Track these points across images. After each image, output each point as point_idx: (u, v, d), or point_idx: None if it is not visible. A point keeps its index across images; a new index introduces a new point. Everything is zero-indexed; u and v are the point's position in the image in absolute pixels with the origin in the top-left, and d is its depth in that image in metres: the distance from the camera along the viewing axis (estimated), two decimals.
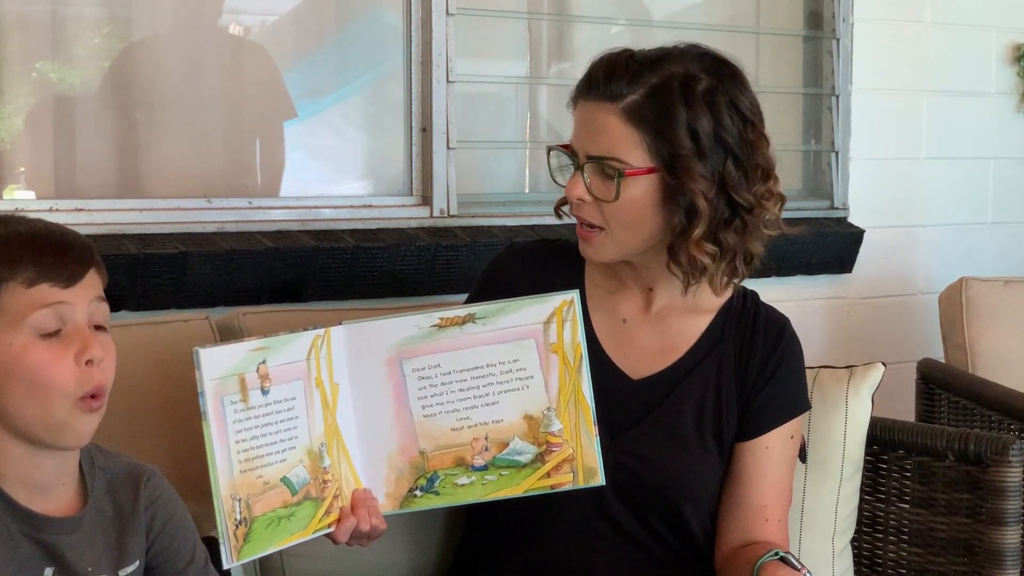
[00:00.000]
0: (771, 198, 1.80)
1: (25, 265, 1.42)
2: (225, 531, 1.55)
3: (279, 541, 1.62)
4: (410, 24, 2.57)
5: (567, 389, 1.73)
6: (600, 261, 1.85)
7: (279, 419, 1.62)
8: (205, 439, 1.54)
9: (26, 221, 1.49)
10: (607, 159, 1.75)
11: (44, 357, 1.41)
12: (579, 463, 1.73)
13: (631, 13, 3.04)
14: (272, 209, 2.43)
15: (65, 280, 1.43)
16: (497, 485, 1.73)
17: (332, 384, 1.70)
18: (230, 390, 1.57)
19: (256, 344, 1.61)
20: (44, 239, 1.45)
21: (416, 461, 1.73)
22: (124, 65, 2.42)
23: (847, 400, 2.07)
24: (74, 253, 1.46)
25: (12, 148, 2.35)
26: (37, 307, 1.41)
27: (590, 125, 1.78)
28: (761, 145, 1.79)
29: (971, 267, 3.09)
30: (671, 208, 1.76)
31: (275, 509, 1.61)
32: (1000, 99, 3.32)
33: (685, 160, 1.74)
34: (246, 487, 1.57)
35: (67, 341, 1.42)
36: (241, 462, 1.57)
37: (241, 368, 1.58)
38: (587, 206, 1.79)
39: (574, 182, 1.79)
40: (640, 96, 1.75)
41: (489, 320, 1.73)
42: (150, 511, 1.55)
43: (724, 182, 1.76)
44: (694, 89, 1.75)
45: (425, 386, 1.73)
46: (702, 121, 1.74)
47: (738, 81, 1.80)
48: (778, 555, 1.71)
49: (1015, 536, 2.01)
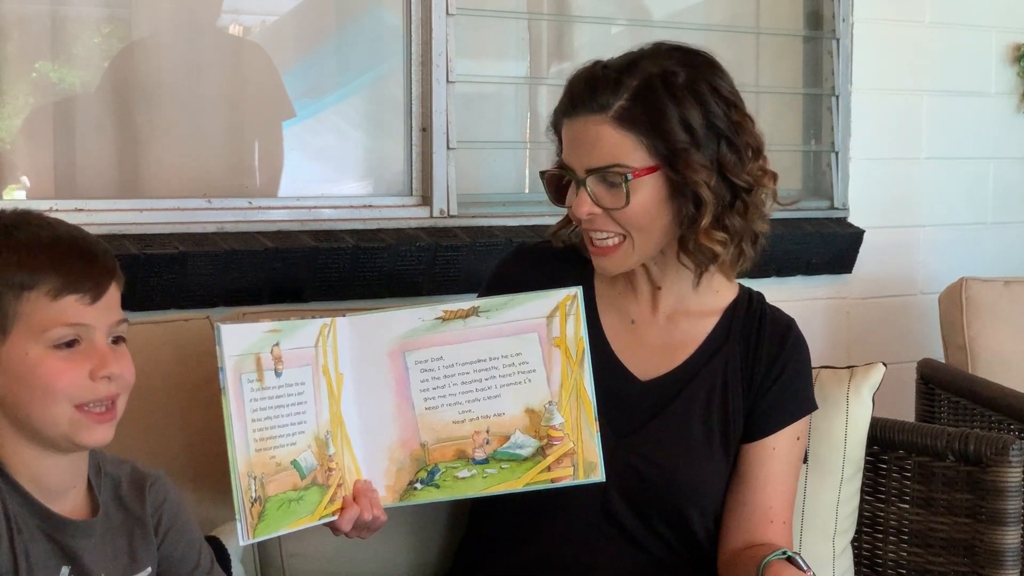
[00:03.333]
0: (765, 175, 1.82)
1: (49, 274, 1.42)
2: (241, 508, 1.56)
3: (289, 524, 1.63)
4: (410, 24, 2.57)
5: (569, 383, 1.73)
6: (621, 272, 1.85)
7: (290, 402, 1.64)
8: (224, 415, 1.56)
9: (47, 223, 1.48)
10: (609, 167, 1.75)
11: (58, 367, 1.42)
12: (580, 457, 1.73)
13: (631, 13, 3.04)
14: (272, 209, 2.43)
15: (91, 293, 1.44)
16: (498, 478, 1.73)
17: (337, 374, 1.72)
18: (247, 368, 1.59)
19: (270, 326, 1.64)
20: (68, 246, 1.45)
21: (417, 453, 1.74)
22: (124, 65, 2.42)
23: (848, 400, 2.07)
24: (99, 263, 1.46)
25: (12, 148, 2.35)
26: (59, 324, 1.42)
27: (584, 140, 1.78)
28: (747, 124, 1.81)
29: (971, 267, 3.09)
30: (679, 202, 1.77)
31: (286, 491, 1.62)
32: (1000, 99, 3.32)
33: (683, 153, 1.74)
34: (261, 466, 1.59)
35: (83, 355, 1.44)
36: (257, 440, 1.59)
37: (257, 348, 1.61)
38: (599, 219, 1.79)
39: (580, 200, 1.78)
40: (627, 101, 1.75)
41: (492, 314, 1.74)
42: (156, 516, 1.55)
43: (722, 166, 1.77)
44: (675, 83, 1.75)
45: (428, 379, 1.74)
46: (691, 112, 1.75)
47: (713, 67, 1.81)
48: (785, 554, 1.71)
49: (1015, 536, 2.01)
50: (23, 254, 1.42)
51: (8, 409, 1.44)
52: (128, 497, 1.54)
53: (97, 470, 1.52)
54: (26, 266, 1.41)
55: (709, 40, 1.85)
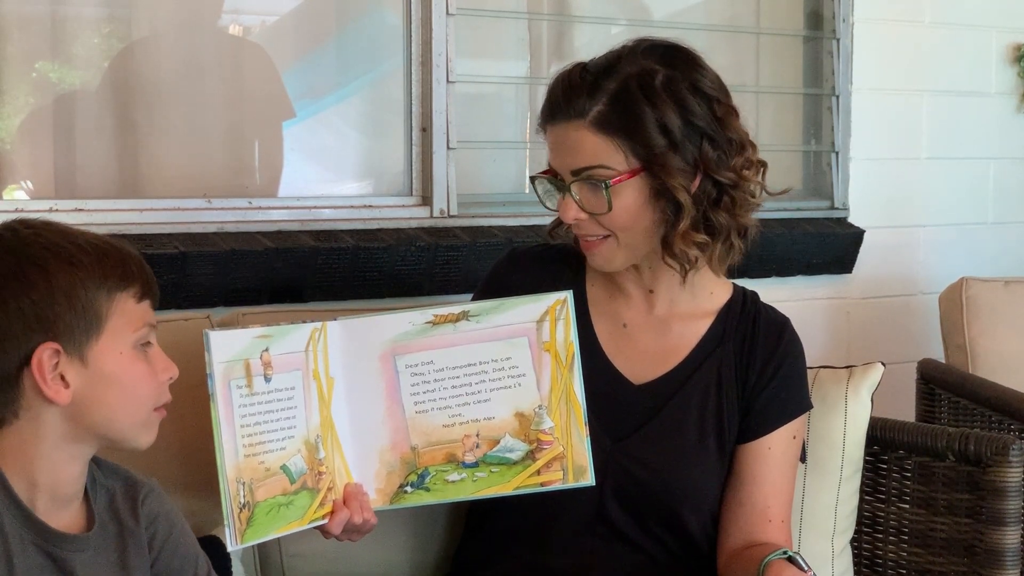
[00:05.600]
0: (751, 167, 1.81)
1: (134, 280, 1.47)
2: (230, 513, 1.57)
3: (278, 528, 1.64)
4: (410, 24, 2.57)
5: (559, 387, 1.73)
6: (611, 270, 1.85)
7: (280, 407, 1.65)
8: (213, 421, 1.57)
9: (102, 236, 1.51)
10: (590, 171, 1.75)
11: (143, 369, 1.47)
12: (569, 461, 1.73)
13: (631, 13, 3.04)
14: (272, 209, 2.43)
15: (156, 301, 1.52)
16: (487, 482, 1.74)
17: (328, 378, 1.72)
18: (236, 374, 1.60)
19: (260, 332, 1.64)
20: (137, 258, 1.50)
21: (407, 457, 1.74)
22: (124, 65, 2.42)
23: (846, 400, 2.07)
24: (153, 276, 1.52)
25: (12, 148, 2.35)
26: (143, 324, 1.48)
27: (565, 145, 1.78)
28: (730, 119, 1.79)
29: (971, 267, 3.09)
30: (661, 204, 1.77)
31: (275, 496, 1.63)
32: (1000, 99, 3.32)
33: (661, 157, 1.74)
34: (249, 472, 1.60)
35: (153, 359, 1.49)
36: (246, 447, 1.60)
37: (246, 354, 1.62)
38: (585, 223, 1.79)
39: (566, 205, 1.78)
40: (603, 106, 1.74)
41: (483, 318, 1.74)
42: (150, 529, 1.55)
43: (705, 165, 1.76)
44: (653, 84, 1.74)
45: (418, 382, 1.74)
46: (669, 114, 1.74)
47: (694, 63, 1.80)
48: (786, 554, 1.71)
49: (1015, 536, 2.01)
50: (114, 260, 1.46)
51: (83, 409, 1.44)
52: (122, 510, 1.53)
53: (93, 480, 1.52)
54: (117, 272, 1.46)
55: (709, 40, 1.85)
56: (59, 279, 1.41)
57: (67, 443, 1.45)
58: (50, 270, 1.41)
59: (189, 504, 1.78)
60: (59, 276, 1.41)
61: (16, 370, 1.41)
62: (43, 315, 1.40)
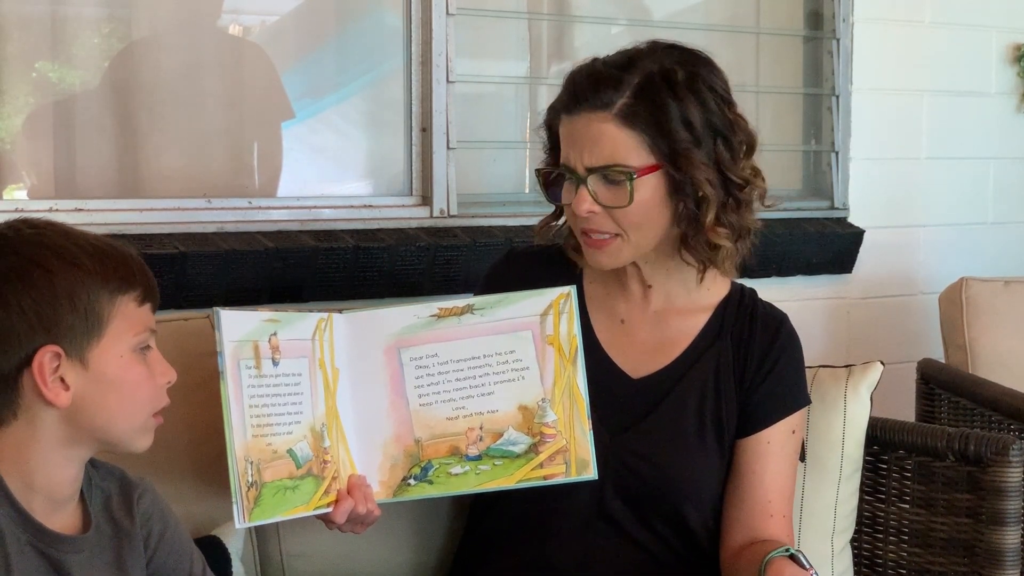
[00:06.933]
0: (758, 174, 1.84)
1: (136, 284, 1.47)
2: (238, 491, 1.57)
3: (284, 511, 1.64)
4: (410, 24, 2.57)
5: (562, 381, 1.74)
6: (614, 267, 1.85)
7: (287, 391, 1.66)
8: (222, 399, 1.58)
9: (103, 237, 1.51)
10: (612, 166, 1.75)
11: (143, 373, 1.47)
12: (572, 455, 1.74)
13: (631, 13, 3.04)
14: (272, 209, 2.43)
15: (157, 305, 1.52)
16: (491, 475, 1.74)
17: (333, 368, 1.73)
18: (245, 355, 1.61)
19: (269, 315, 1.66)
20: (139, 262, 1.50)
21: (411, 449, 1.75)
22: (124, 65, 2.42)
23: (845, 399, 2.07)
24: (154, 280, 1.52)
25: (12, 148, 2.35)
26: (144, 328, 1.47)
27: (585, 137, 1.77)
28: (741, 122, 1.82)
29: (971, 267, 3.09)
30: (679, 200, 1.77)
31: (282, 479, 1.64)
32: (1000, 99, 3.32)
33: (685, 151, 1.75)
34: (257, 451, 1.61)
35: (152, 363, 1.49)
36: (253, 426, 1.61)
37: (255, 336, 1.63)
38: (598, 217, 1.78)
39: (580, 197, 1.77)
40: (629, 98, 1.75)
41: (487, 311, 1.75)
42: (145, 528, 1.55)
43: (719, 164, 1.77)
44: (676, 81, 1.76)
45: (422, 375, 1.75)
46: (692, 110, 1.75)
47: (710, 65, 1.82)
48: (788, 551, 1.71)
49: (1015, 536, 2.01)
50: (117, 262, 1.46)
51: (81, 412, 1.43)
52: (118, 510, 1.53)
53: (88, 481, 1.52)
54: (118, 275, 1.45)
55: (709, 40, 1.86)
56: (62, 280, 1.41)
57: (64, 445, 1.45)
58: (53, 271, 1.41)
59: (190, 504, 1.78)
60: (62, 277, 1.41)
61: (16, 371, 1.41)
62: (45, 316, 1.40)
